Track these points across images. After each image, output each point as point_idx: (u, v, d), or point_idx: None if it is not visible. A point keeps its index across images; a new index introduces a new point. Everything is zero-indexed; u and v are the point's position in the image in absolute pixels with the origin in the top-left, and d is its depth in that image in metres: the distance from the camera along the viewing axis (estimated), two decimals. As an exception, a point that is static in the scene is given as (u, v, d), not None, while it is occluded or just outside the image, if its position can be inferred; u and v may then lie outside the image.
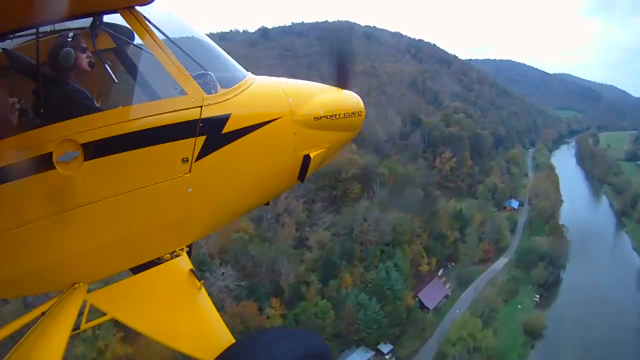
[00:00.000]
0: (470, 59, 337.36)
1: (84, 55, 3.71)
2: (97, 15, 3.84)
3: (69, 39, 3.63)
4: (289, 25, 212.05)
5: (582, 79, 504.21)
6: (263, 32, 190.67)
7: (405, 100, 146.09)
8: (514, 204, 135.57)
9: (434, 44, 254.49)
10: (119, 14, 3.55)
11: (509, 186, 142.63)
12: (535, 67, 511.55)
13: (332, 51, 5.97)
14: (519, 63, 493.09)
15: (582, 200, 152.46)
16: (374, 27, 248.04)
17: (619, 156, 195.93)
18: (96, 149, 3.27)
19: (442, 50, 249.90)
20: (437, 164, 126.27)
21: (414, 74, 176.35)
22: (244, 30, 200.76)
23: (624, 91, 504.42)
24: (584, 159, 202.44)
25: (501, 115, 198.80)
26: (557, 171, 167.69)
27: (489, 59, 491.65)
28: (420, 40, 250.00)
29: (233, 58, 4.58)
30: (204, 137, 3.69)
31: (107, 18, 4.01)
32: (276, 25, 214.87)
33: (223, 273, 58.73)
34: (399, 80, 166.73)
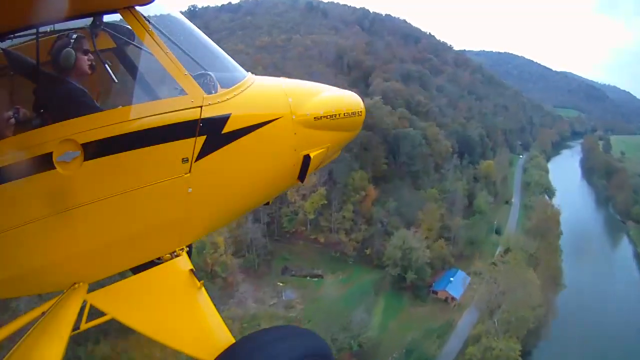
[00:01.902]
0: (464, 50, 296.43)
1: (85, 57, 3.70)
2: (97, 15, 3.82)
3: (71, 40, 3.62)
4: (234, 4, 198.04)
5: (583, 77, 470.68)
6: (190, 11, 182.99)
7: (310, 79, 66.06)
8: (455, 288, 63.97)
9: (404, 20, 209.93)
10: (119, 14, 3.56)
11: (462, 238, 74.15)
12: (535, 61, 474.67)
13: None
14: (518, 56, 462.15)
15: (595, 265, 77.62)
16: (333, 2, 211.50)
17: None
18: (96, 149, 3.28)
19: (414, 27, 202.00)
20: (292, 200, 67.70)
21: (346, 47, 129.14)
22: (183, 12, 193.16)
23: (628, 92, 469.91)
24: (594, 172, 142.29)
25: (481, 108, 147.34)
26: (555, 200, 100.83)
27: (485, 51, 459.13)
28: (388, 15, 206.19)
29: None
30: (204, 137, 3.70)
31: (107, 18, 3.99)
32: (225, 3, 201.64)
33: None
34: (319, 54, 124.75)
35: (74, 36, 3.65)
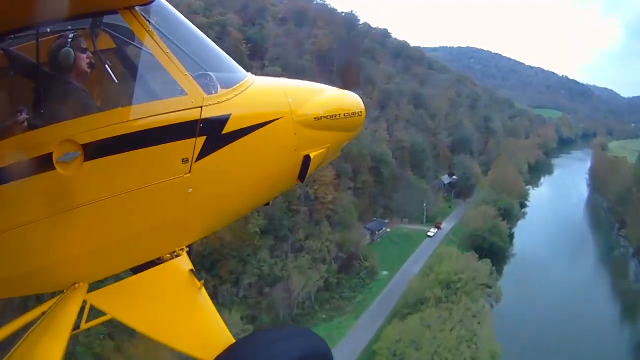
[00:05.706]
0: (420, 46, 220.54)
1: (84, 56, 3.71)
2: (97, 15, 3.85)
3: (69, 39, 3.63)
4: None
5: (559, 75, 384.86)
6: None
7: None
8: None
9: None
10: (119, 14, 3.54)
11: None
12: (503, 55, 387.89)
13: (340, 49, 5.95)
14: (483, 50, 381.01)
15: None
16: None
17: None
18: (96, 150, 3.28)
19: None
20: None
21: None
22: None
23: (610, 90, 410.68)
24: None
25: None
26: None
27: (444, 46, 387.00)
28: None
29: None
30: (204, 138, 3.71)
31: (107, 18, 4.03)
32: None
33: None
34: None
35: (71, 35, 3.66)
